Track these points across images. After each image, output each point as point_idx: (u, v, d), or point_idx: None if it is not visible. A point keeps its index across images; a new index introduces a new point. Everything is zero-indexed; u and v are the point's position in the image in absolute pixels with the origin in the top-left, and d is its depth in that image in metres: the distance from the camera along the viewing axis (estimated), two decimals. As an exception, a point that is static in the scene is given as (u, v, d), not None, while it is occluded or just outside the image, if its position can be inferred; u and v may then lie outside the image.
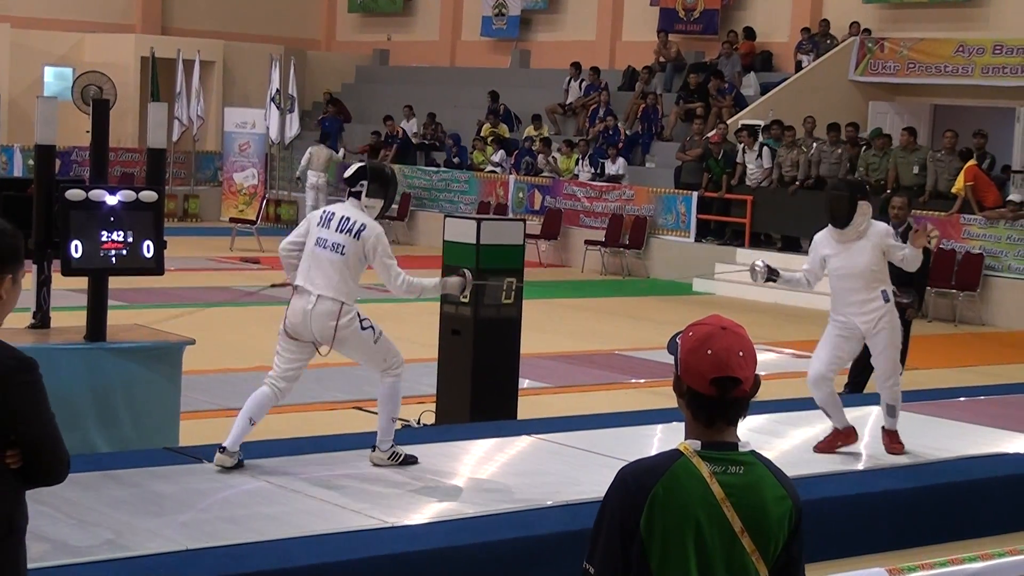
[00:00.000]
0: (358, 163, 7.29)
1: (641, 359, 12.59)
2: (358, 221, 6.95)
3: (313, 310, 6.86)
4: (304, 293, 6.95)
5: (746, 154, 19.85)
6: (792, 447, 8.24)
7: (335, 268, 6.90)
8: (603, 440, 7.99)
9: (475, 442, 7.74)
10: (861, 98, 21.68)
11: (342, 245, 6.91)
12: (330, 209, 7.11)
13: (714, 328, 2.93)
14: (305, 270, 7.00)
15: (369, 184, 7.03)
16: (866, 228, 7.79)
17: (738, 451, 2.92)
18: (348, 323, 6.88)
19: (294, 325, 6.95)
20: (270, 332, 13.18)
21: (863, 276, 7.76)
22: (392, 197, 7.18)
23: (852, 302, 7.81)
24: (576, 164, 22.31)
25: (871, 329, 7.81)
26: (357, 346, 6.95)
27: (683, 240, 20.20)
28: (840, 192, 7.86)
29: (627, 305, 17.41)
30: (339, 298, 6.87)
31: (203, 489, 6.49)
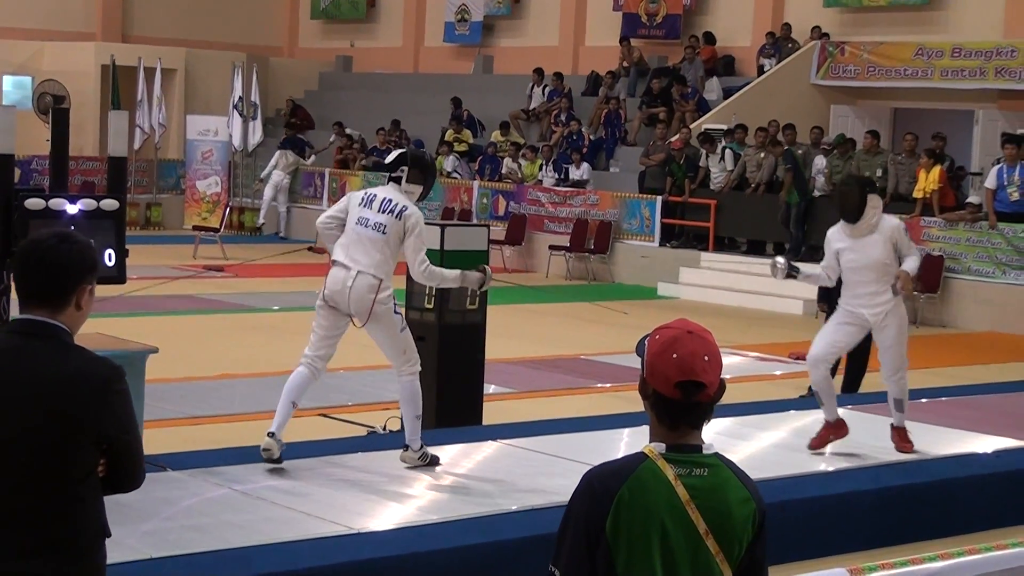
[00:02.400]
0: (399, 149, 7.44)
1: (606, 363, 12.62)
2: (400, 203, 7.10)
3: (353, 284, 6.99)
4: (343, 268, 7.07)
5: (709, 158, 19.94)
6: (757, 450, 8.28)
7: (376, 246, 7.04)
8: (569, 444, 8.01)
9: (441, 447, 7.73)
10: (823, 102, 21.82)
11: (384, 224, 7.05)
12: (372, 191, 7.24)
13: (680, 332, 2.95)
14: (345, 247, 7.12)
15: (410, 170, 7.19)
16: (877, 222, 7.92)
17: (703, 454, 2.93)
18: (386, 300, 7.02)
19: (333, 293, 7.06)
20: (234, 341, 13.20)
21: (875, 269, 7.89)
22: (431, 184, 7.33)
23: (862, 294, 7.92)
24: (540, 169, 22.33)
25: (879, 321, 7.92)
26: (387, 327, 7.06)
27: (648, 244, 20.26)
28: (850, 187, 8.02)
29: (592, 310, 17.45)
30: (378, 275, 7.01)
31: (167, 498, 6.45)
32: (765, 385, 12.01)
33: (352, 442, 8.06)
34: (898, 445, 8.13)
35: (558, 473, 7.19)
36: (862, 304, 7.91)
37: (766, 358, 13.49)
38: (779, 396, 10.93)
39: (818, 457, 8.05)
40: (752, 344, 14.37)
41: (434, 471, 7.28)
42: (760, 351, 13.84)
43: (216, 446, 7.98)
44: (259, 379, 11.07)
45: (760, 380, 12.31)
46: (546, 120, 24.19)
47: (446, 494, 6.87)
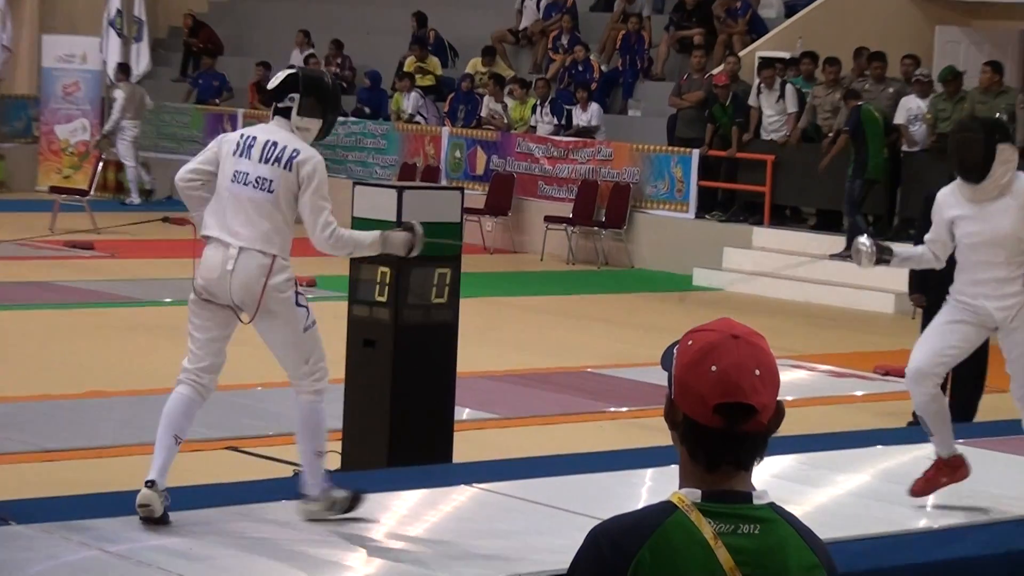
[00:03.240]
0: (286, 71, 7.33)
1: (622, 379, 12.65)
2: (289, 146, 7.02)
3: (236, 267, 6.91)
4: (220, 246, 6.98)
5: (763, 96, 19.95)
6: (830, 500, 8.32)
7: (261, 211, 6.96)
8: (570, 491, 8.01)
9: (395, 495, 7.74)
10: (925, 21, 21.89)
11: (269, 180, 6.97)
12: (249, 132, 7.15)
13: (722, 337, 2.95)
14: (219, 215, 7.02)
15: (302, 98, 7.10)
16: (1009, 181, 7.88)
17: (752, 504, 2.93)
18: (282, 285, 6.95)
19: (209, 283, 6.98)
20: (107, 346, 13.18)
21: (1004, 246, 7.87)
22: (334, 117, 7.28)
23: (985, 280, 7.90)
24: (533, 112, 22.36)
25: (1008, 320, 7.91)
26: (283, 324, 6.99)
27: (680, 216, 20.30)
28: (972, 134, 7.94)
29: (604, 306, 17.47)
30: (269, 251, 6.93)
31: (10, 560, 6.44)
32: (842, 410, 12.04)
33: (271, 486, 8.06)
34: None
35: (555, 530, 7.19)
36: (986, 295, 7.90)
37: (843, 373, 13.54)
38: (862, 425, 10.97)
39: (920, 509, 8.08)
40: (824, 354, 14.42)
41: (379, 525, 7.28)
42: (835, 363, 13.90)
43: (79, 491, 7.95)
44: (141, 399, 11.04)
45: (835, 403, 12.35)
46: (541, 44, 24.20)
47: (402, 560, 6.84)
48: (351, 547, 6.97)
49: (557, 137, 21.68)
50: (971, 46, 21.78)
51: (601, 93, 22.51)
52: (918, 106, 18.78)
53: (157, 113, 26.06)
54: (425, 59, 24.28)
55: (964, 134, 8.04)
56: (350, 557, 6.88)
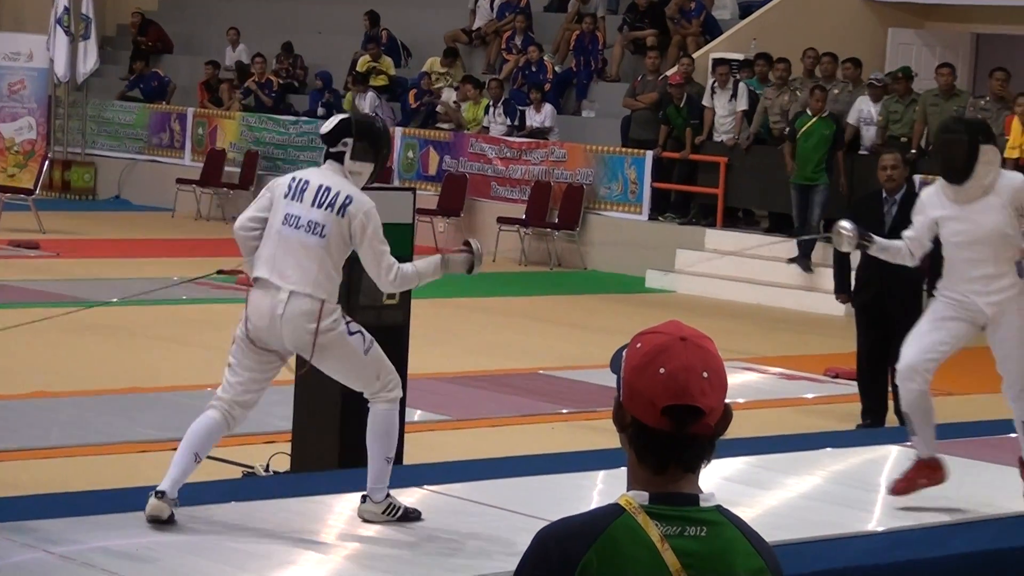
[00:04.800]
0: (340, 116, 7.44)
1: (574, 381, 12.66)
2: (342, 192, 7.09)
3: (285, 312, 6.98)
4: (270, 288, 7.05)
5: (716, 96, 19.99)
6: (780, 502, 8.33)
7: (312, 255, 7.03)
8: (520, 493, 8.02)
9: (345, 497, 7.72)
10: (878, 24, 21.98)
11: (321, 225, 7.04)
12: (302, 176, 7.22)
13: (670, 339, 2.95)
14: (269, 258, 7.09)
15: (355, 143, 7.19)
16: (993, 181, 7.93)
17: (700, 507, 2.94)
18: (332, 325, 7.03)
19: (258, 330, 7.05)
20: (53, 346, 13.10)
21: (991, 243, 7.91)
22: (385, 159, 7.40)
23: (974, 278, 7.95)
24: (486, 113, 22.35)
25: (999, 315, 7.94)
26: (343, 357, 7.09)
27: (633, 217, 20.32)
28: (955, 135, 8.00)
29: (556, 307, 17.47)
30: (318, 295, 7.01)
31: (-42, 565, 6.41)
32: (793, 412, 12.08)
33: (222, 487, 8.04)
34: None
35: (505, 532, 7.19)
36: (975, 291, 7.93)
37: (794, 375, 13.58)
38: (812, 427, 11.01)
39: (870, 511, 8.10)
40: (775, 356, 14.46)
41: (329, 527, 7.27)
42: (786, 366, 13.94)
43: (24, 491, 7.91)
44: (88, 399, 11.01)
45: (786, 405, 12.39)
46: (495, 44, 24.20)
47: (349, 562, 6.84)
48: (300, 550, 6.96)
49: (510, 138, 21.68)
50: (923, 48, 21.89)
51: (555, 94, 22.52)
52: (869, 109, 18.86)
53: (103, 111, 25.95)
54: (379, 58, 24.23)
55: (948, 135, 8.08)
56: (299, 559, 6.87)
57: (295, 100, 25.13)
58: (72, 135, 25.58)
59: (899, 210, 10.65)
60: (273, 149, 23.93)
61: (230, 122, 24.50)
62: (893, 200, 10.82)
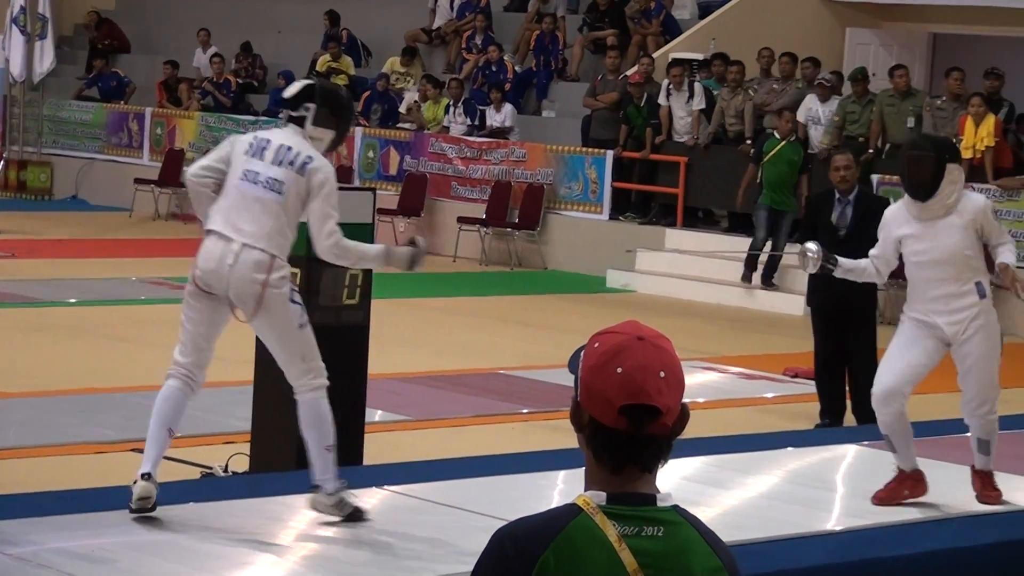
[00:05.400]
0: (303, 81, 7.52)
1: (534, 381, 12.67)
2: (303, 152, 7.17)
3: (236, 261, 7.02)
4: (223, 239, 7.09)
5: (672, 96, 20.02)
6: (740, 502, 8.35)
7: (269, 212, 7.09)
8: (480, 493, 8.03)
9: (304, 497, 7.71)
10: (836, 23, 22.06)
11: (280, 181, 7.11)
12: (264, 135, 7.31)
13: (628, 339, 2.96)
14: (225, 212, 7.14)
15: (317, 108, 7.27)
16: (956, 200, 7.97)
17: (657, 507, 2.95)
18: (279, 282, 7.06)
19: (207, 273, 7.09)
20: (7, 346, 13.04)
21: (952, 263, 7.95)
22: (346, 129, 7.47)
23: (936, 297, 7.99)
24: (446, 112, 22.35)
25: (960, 334, 7.98)
26: (281, 321, 7.12)
27: (594, 217, 20.35)
28: (923, 152, 8.03)
29: (516, 307, 17.47)
30: (270, 250, 7.05)
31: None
32: (752, 412, 12.11)
33: (180, 488, 8.00)
34: (980, 494, 8.24)
35: (465, 531, 7.20)
36: (936, 311, 7.96)
37: (754, 375, 13.62)
38: (772, 427, 11.04)
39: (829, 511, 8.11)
40: (734, 356, 14.50)
41: (287, 528, 7.26)
42: (746, 365, 13.97)
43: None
44: (45, 399, 10.96)
45: (745, 405, 12.42)
46: (455, 44, 24.19)
47: (307, 564, 6.83)
48: (259, 551, 6.95)
49: (470, 138, 21.67)
50: (881, 48, 21.97)
51: (515, 93, 22.52)
52: (817, 108, 18.90)
53: (60, 111, 25.83)
54: (339, 58, 24.19)
55: (915, 152, 8.10)
56: (257, 560, 6.85)
57: (255, 100, 25.06)
58: (28, 135, 25.45)
59: (853, 210, 10.74)
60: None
61: (189, 122, 24.41)
62: (847, 200, 10.87)
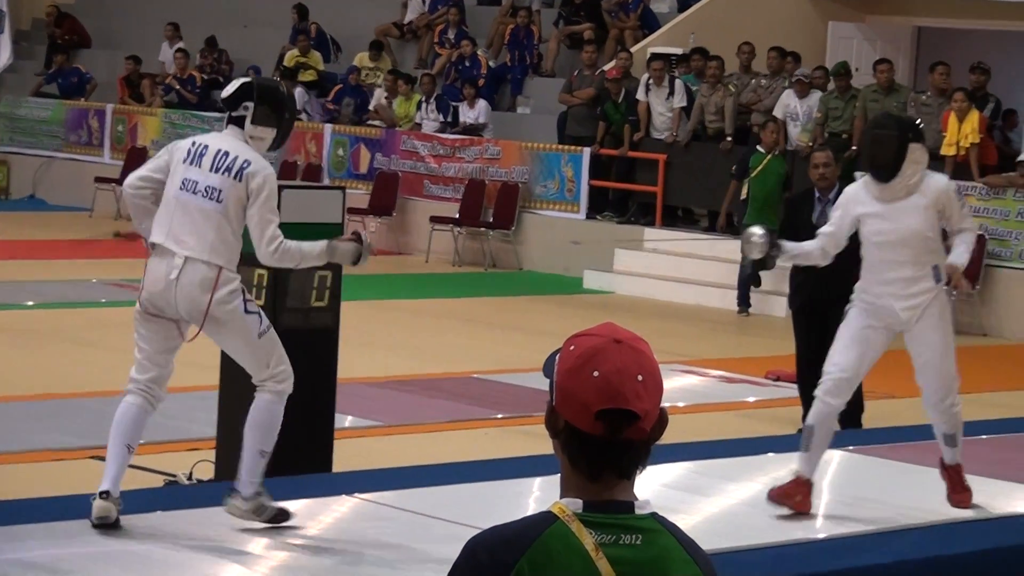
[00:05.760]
0: (241, 79, 7.54)
1: (509, 385, 12.66)
2: (240, 156, 7.16)
3: (180, 278, 7.03)
4: (166, 255, 7.11)
5: (652, 92, 20.02)
6: (721, 509, 8.36)
7: (210, 222, 7.09)
8: (453, 501, 8.03)
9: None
10: (818, 17, 22.08)
11: (218, 189, 7.12)
12: (202, 140, 7.31)
13: (604, 341, 2.96)
14: (166, 223, 7.15)
15: (256, 106, 7.27)
16: (919, 181, 8.01)
17: (635, 514, 2.95)
18: (228, 297, 7.06)
19: (153, 296, 7.11)
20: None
21: (911, 245, 7.99)
22: (289, 126, 7.46)
23: (892, 280, 8.01)
24: (418, 109, 22.33)
25: (914, 319, 8.00)
26: (236, 333, 7.14)
27: (570, 216, 20.34)
28: (885, 131, 8.08)
29: (491, 309, 17.47)
30: (215, 261, 7.06)
31: None
32: (733, 416, 12.12)
33: (143, 496, 7.97)
34: (951, 492, 8.26)
35: (437, 540, 7.20)
36: (891, 294, 7.98)
37: (735, 378, 13.62)
38: (753, 432, 11.04)
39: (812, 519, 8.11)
40: (715, 359, 14.50)
41: (255, 537, 7.25)
42: (726, 368, 13.98)
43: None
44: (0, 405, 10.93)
45: (726, 409, 12.42)
46: (427, 39, 24.16)
47: (273, 573, 6.83)
48: (223, 560, 6.93)
49: (443, 135, 21.65)
50: (864, 42, 22.01)
51: (489, 89, 22.50)
52: (795, 105, 18.91)
53: (17, 107, 25.75)
54: (307, 53, 24.15)
55: (877, 131, 8.17)
56: (222, 570, 6.84)
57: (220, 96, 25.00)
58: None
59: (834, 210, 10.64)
60: (195, 147, 23.76)
61: (152, 119, 24.34)
62: (827, 199, 10.77)
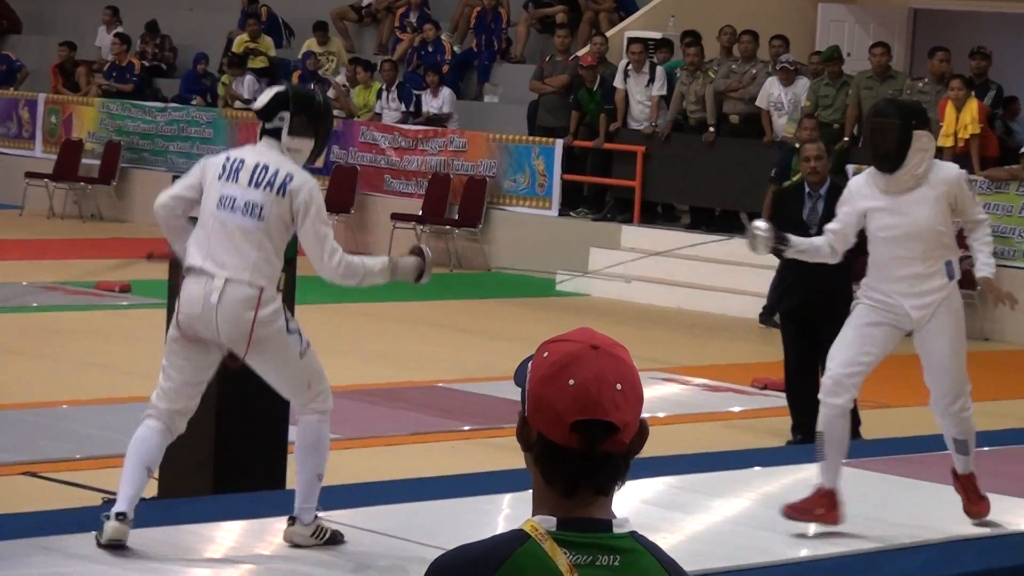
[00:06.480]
0: (275, 88, 7.54)
1: (477, 395, 12.67)
2: (281, 170, 7.19)
3: (222, 299, 7.07)
4: (203, 276, 7.14)
5: (630, 79, 20.03)
6: (704, 527, 8.37)
7: (250, 239, 7.14)
8: (417, 519, 8.04)
9: (221, 526, 7.69)
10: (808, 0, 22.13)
11: (260, 206, 7.15)
12: (237, 155, 7.33)
13: (581, 348, 2.95)
14: (203, 244, 7.19)
15: (293, 117, 7.29)
16: (926, 171, 8.06)
17: (612, 533, 2.94)
18: (271, 317, 7.13)
19: (191, 318, 7.14)
20: None
21: (922, 239, 8.04)
22: (326, 137, 7.52)
23: (901, 277, 8.05)
24: (378, 98, 22.33)
25: (925, 318, 8.05)
26: (278, 355, 7.21)
27: (542, 213, 20.36)
28: (887, 120, 8.12)
29: (457, 313, 17.47)
30: (257, 282, 7.11)
31: None
32: (717, 427, 12.13)
33: (78, 516, 7.96)
34: (967, 504, 8.29)
35: (400, 562, 7.23)
36: (901, 292, 8.03)
37: (719, 387, 13.64)
38: (739, 444, 11.06)
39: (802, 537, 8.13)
40: (698, 366, 14.52)
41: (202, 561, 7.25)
42: (710, 376, 14.00)
43: None
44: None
45: (710, 420, 12.43)
46: (387, 22, 24.16)
47: (225, 598, 6.81)
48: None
49: (405, 126, 21.65)
50: (856, 25, 22.05)
51: (454, 77, 22.52)
52: (779, 93, 18.94)
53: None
54: (257, 38, 24.12)
55: (879, 119, 8.20)
56: (169, 596, 6.82)
57: (163, 84, 24.94)
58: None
59: (825, 205, 10.61)
60: (138, 139, 23.71)
61: (88, 109, 24.27)
62: (818, 194, 10.80)
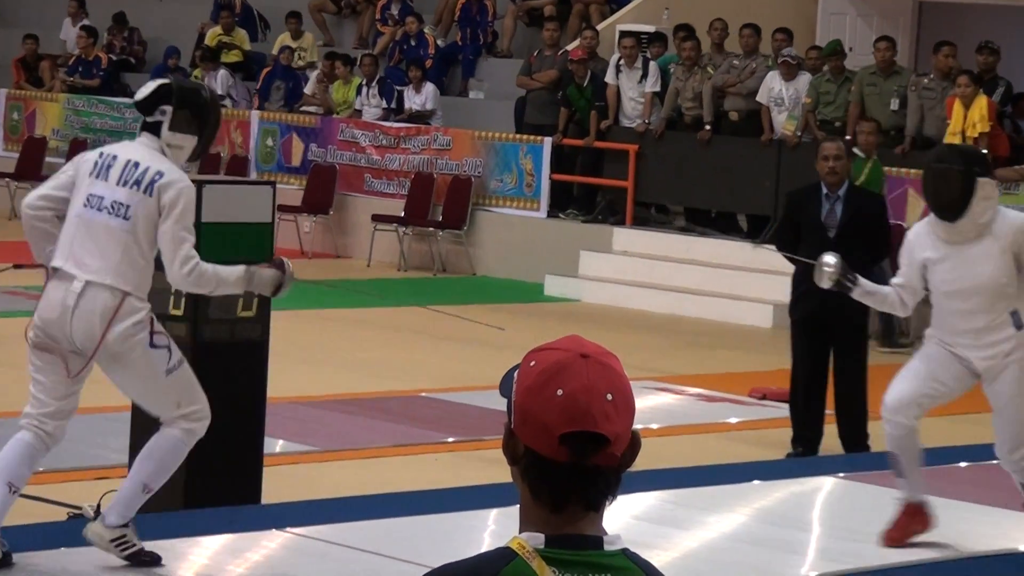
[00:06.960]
0: (158, 80, 7.50)
1: (462, 404, 12.67)
2: (152, 167, 7.13)
3: (78, 304, 6.99)
4: (65, 279, 7.06)
5: (623, 75, 20.03)
6: (700, 543, 8.37)
7: (115, 240, 7.07)
8: (400, 535, 8.03)
9: (193, 541, 7.69)
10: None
11: (125, 205, 7.09)
12: (111, 150, 7.28)
13: (569, 356, 2.96)
14: (67, 245, 7.12)
15: (175, 111, 7.23)
16: (990, 220, 8.06)
17: (603, 550, 2.95)
18: (132, 329, 7.03)
19: (46, 323, 7.06)
20: None
21: (985, 293, 8.07)
22: (212, 133, 7.44)
23: (966, 331, 8.11)
24: (358, 94, 22.31)
25: (993, 370, 8.10)
26: (139, 371, 7.11)
27: (530, 214, 20.35)
28: (949, 166, 8.12)
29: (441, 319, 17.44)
30: (120, 286, 7.03)
31: None
32: (714, 439, 12.12)
33: (44, 531, 7.97)
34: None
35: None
36: (966, 345, 8.09)
37: (715, 397, 13.63)
38: (737, 457, 11.06)
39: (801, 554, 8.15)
40: (693, 375, 14.51)
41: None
42: (706, 386, 13.98)
43: None
44: None
45: (706, 431, 12.43)
46: (368, 15, 24.15)
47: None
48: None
49: (386, 123, 21.62)
50: (859, 19, 22.05)
51: (438, 72, 22.50)
52: (780, 88, 18.94)
53: None
54: (231, 31, 24.10)
55: (940, 165, 8.17)
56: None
57: (132, 80, 24.89)
58: None
59: (843, 207, 10.49)
60: (105, 136, 23.58)
61: (52, 105, 24.23)
62: (836, 196, 10.58)
